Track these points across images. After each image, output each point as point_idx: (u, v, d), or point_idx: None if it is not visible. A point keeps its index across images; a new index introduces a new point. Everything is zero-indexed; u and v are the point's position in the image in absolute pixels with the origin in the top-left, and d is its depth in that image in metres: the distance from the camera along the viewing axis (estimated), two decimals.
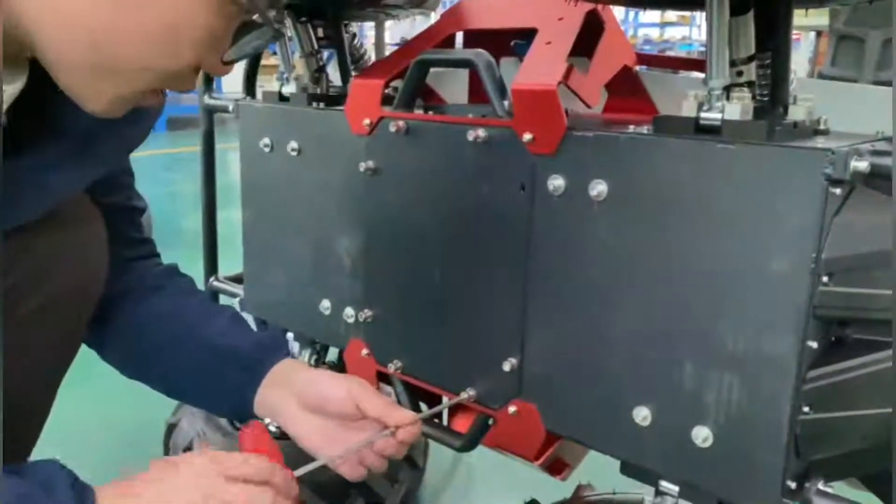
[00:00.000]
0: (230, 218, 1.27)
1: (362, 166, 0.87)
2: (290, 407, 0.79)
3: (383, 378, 0.94)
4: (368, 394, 0.75)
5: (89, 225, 0.80)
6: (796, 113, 0.67)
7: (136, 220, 0.91)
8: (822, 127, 0.68)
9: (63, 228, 0.76)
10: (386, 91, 0.87)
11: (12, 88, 0.58)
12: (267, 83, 1.07)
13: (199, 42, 0.57)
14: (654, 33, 11.49)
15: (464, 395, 0.83)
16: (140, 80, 0.58)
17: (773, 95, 0.71)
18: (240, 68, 1.13)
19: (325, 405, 0.77)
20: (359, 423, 0.76)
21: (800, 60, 4.81)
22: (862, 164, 0.56)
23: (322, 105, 0.98)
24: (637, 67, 0.92)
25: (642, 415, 0.69)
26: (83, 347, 0.86)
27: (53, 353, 0.80)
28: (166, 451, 1.18)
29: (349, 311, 0.95)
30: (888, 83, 0.88)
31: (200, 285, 1.24)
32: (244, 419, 0.83)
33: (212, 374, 0.83)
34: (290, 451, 1.03)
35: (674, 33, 11.53)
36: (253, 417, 0.82)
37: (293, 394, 0.79)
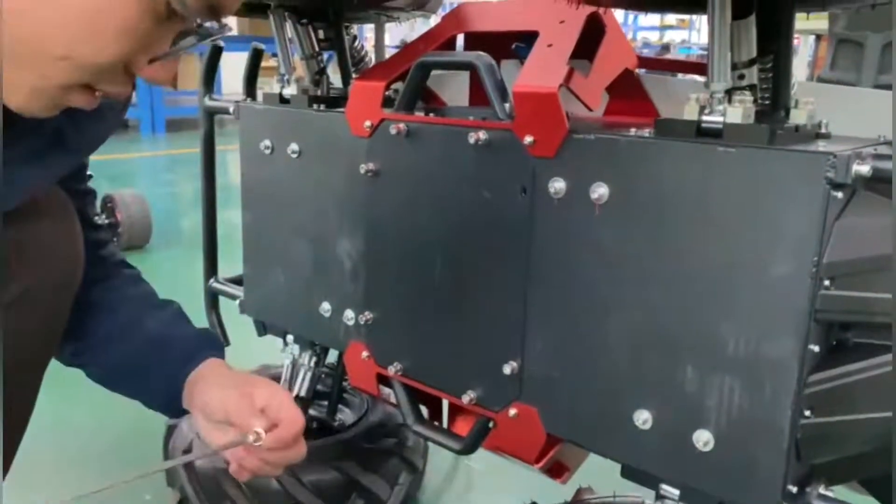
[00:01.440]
0: (230, 219, 1.26)
1: (363, 168, 0.87)
2: (200, 419, 0.82)
3: (384, 380, 0.94)
4: (242, 404, 0.77)
5: (63, 214, 0.81)
6: (798, 117, 0.67)
7: (89, 202, 0.92)
8: (823, 130, 0.68)
9: (37, 218, 0.76)
10: (387, 93, 0.87)
11: None
12: (267, 85, 1.07)
13: (124, 35, 0.53)
14: (654, 37, 11.52)
15: (464, 398, 0.82)
16: (60, 72, 0.54)
17: (774, 99, 0.71)
18: (240, 69, 1.13)
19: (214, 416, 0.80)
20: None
21: (798, 64, 4.81)
22: (864, 168, 0.56)
23: (323, 107, 0.98)
24: (638, 70, 0.92)
25: (643, 418, 0.69)
26: None
27: (35, 341, 0.81)
28: (165, 454, 1.18)
29: (349, 314, 0.95)
30: (888, 87, 0.88)
31: (200, 287, 1.25)
32: (175, 412, 0.87)
33: (144, 365, 0.85)
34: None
35: (673, 37, 11.56)
36: (183, 411, 0.86)
37: (198, 407, 0.82)
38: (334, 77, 1.07)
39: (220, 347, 0.90)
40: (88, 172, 0.92)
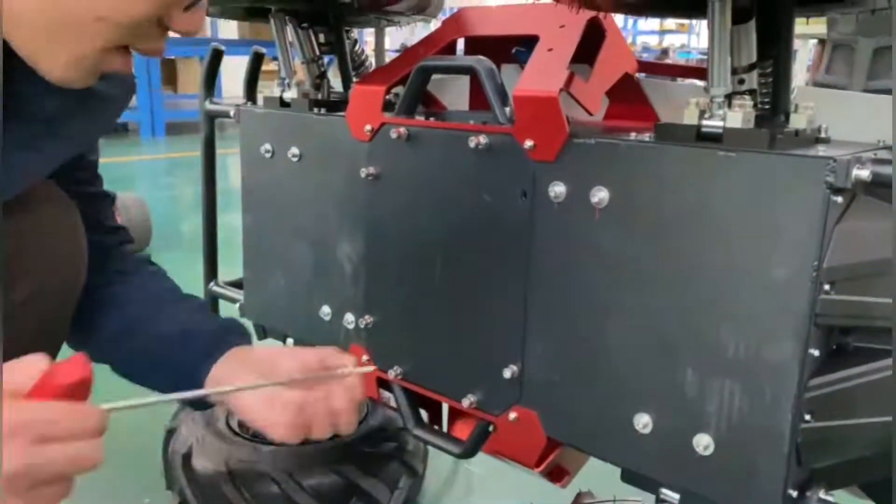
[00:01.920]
0: (230, 223, 1.27)
1: (363, 172, 0.87)
2: (237, 379, 0.76)
3: (384, 384, 0.94)
4: (313, 355, 0.75)
5: (63, 212, 0.80)
6: (797, 121, 0.67)
7: (103, 206, 0.91)
8: (823, 135, 0.68)
9: (37, 217, 0.76)
10: (387, 97, 0.87)
11: None
12: (267, 89, 1.07)
13: None
14: (653, 41, 11.54)
15: (464, 402, 0.82)
16: (97, 35, 0.55)
17: (774, 103, 0.71)
18: (241, 73, 1.13)
19: (274, 371, 0.75)
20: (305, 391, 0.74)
21: (798, 68, 4.82)
22: (863, 173, 0.56)
23: (323, 111, 0.98)
24: (638, 74, 0.92)
25: (643, 422, 0.69)
26: None
27: (35, 345, 0.80)
28: (165, 458, 1.18)
29: (349, 317, 0.95)
30: (879, 91, 0.88)
31: (200, 290, 1.24)
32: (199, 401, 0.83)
33: (171, 353, 0.83)
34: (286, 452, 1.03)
35: (672, 41, 11.58)
36: (205, 405, 0.84)
37: (247, 370, 0.77)
38: (335, 81, 1.07)
39: (246, 334, 0.87)
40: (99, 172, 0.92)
